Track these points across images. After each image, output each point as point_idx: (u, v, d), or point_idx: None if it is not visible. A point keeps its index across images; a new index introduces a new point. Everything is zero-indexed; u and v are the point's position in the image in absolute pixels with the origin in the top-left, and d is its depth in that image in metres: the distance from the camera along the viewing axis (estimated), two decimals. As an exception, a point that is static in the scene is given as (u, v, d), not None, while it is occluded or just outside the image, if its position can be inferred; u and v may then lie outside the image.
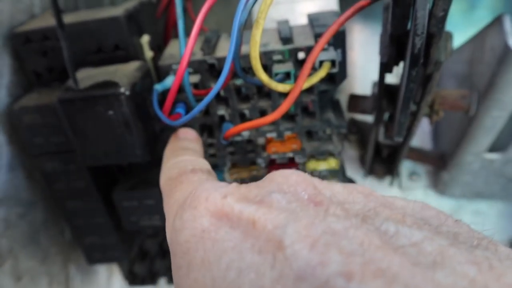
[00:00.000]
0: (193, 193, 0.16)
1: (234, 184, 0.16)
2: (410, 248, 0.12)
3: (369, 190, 0.16)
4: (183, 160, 0.21)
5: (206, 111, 0.27)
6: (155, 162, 0.29)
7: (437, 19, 0.19)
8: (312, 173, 0.30)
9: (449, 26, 0.24)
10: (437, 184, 0.46)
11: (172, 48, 0.28)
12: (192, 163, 0.20)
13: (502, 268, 0.11)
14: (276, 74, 0.24)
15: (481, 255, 0.12)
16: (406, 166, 0.47)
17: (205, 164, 0.21)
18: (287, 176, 0.15)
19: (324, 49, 0.24)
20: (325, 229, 0.12)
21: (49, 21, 0.27)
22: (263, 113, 0.27)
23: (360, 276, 0.11)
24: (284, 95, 0.24)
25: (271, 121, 0.23)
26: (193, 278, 0.14)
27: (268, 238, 0.13)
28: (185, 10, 0.39)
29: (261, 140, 0.29)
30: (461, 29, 0.44)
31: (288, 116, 0.28)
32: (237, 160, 0.29)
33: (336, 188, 0.16)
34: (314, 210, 0.13)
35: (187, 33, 0.22)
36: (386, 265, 0.11)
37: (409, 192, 0.48)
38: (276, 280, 0.12)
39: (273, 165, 0.29)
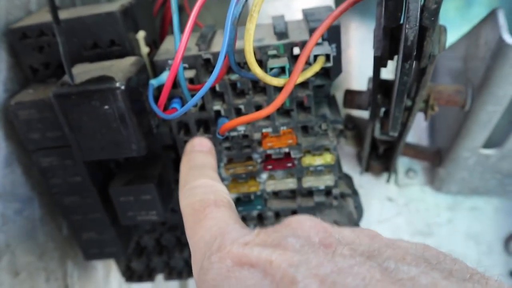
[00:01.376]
0: (219, 240, 0.18)
1: (256, 231, 0.18)
2: (407, 282, 0.13)
3: (375, 233, 0.18)
4: (203, 186, 0.22)
5: (202, 107, 0.28)
6: (151, 157, 0.29)
7: (430, 12, 0.19)
8: (308, 168, 0.30)
9: (444, 23, 0.24)
10: (434, 180, 0.46)
11: (168, 44, 0.28)
12: (213, 192, 0.22)
13: None
14: (271, 69, 0.24)
15: (470, 286, 0.13)
16: (402, 162, 0.47)
17: (225, 192, 0.22)
18: (301, 222, 0.17)
19: (318, 44, 0.25)
20: (333, 268, 0.14)
21: (45, 17, 0.27)
22: (258, 108, 0.27)
23: None
24: (279, 90, 0.24)
25: (266, 114, 0.23)
26: None
27: (283, 275, 0.15)
28: (181, 7, 0.39)
29: (257, 135, 0.29)
30: (456, 26, 0.44)
31: (284, 111, 0.28)
32: (233, 156, 0.30)
33: (344, 231, 0.17)
34: (324, 252, 0.15)
35: (183, 29, 0.23)
36: None
37: (406, 189, 0.48)
38: None
39: (269, 160, 0.30)
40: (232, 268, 0.16)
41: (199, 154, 0.25)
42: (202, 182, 0.22)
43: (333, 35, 0.25)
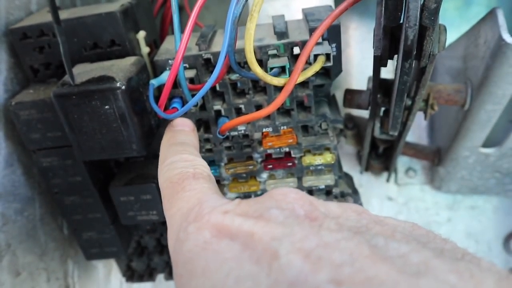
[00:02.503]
0: (197, 209, 0.17)
1: (236, 201, 0.17)
2: (397, 259, 0.13)
3: (362, 209, 0.17)
4: (183, 160, 0.21)
5: (203, 106, 0.28)
6: (152, 157, 0.29)
7: (430, 11, 0.20)
8: (308, 168, 0.30)
9: (444, 22, 0.24)
10: (433, 179, 0.46)
11: (168, 44, 0.28)
12: (192, 165, 0.21)
13: (482, 276, 0.12)
14: (271, 69, 0.25)
15: (463, 265, 0.13)
16: (402, 162, 0.47)
17: (205, 167, 0.21)
18: (285, 194, 0.16)
19: (318, 43, 0.25)
20: (318, 242, 0.13)
21: (45, 17, 0.27)
22: (259, 108, 0.27)
23: (349, 283, 0.12)
24: (280, 89, 0.24)
25: (267, 114, 0.23)
26: (193, 285, 0.15)
27: (265, 248, 0.14)
28: (181, 7, 0.39)
29: (257, 135, 0.29)
30: (456, 25, 0.44)
31: (284, 111, 0.28)
32: (233, 155, 0.30)
33: (331, 206, 0.16)
34: (309, 225, 0.14)
35: (183, 29, 0.23)
36: (374, 273, 0.12)
37: (406, 188, 0.48)
38: (271, 287, 0.13)
39: (269, 159, 0.30)
40: (210, 240, 0.15)
41: (180, 132, 0.25)
42: (181, 157, 0.22)
43: (333, 35, 0.25)
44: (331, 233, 0.14)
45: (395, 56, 0.25)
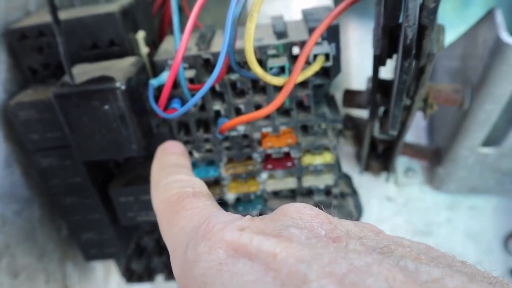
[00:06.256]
0: (206, 224, 0.15)
1: (248, 217, 0.16)
2: (433, 284, 0.12)
3: (377, 228, 0.16)
4: (179, 180, 0.21)
5: (202, 106, 0.28)
6: (152, 157, 0.29)
7: (429, 11, 0.20)
8: (308, 168, 0.30)
9: (442, 23, 0.24)
10: (433, 180, 0.46)
11: (167, 44, 0.28)
12: (190, 185, 0.20)
13: None
14: (271, 69, 0.25)
15: None
16: (401, 162, 0.47)
17: (203, 186, 0.21)
18: (299, 210, 0.15)
19: (317, 43, 0.25)
20: (349, 266, 0.12)
21: (44, 17, 0.27)
22: (258, 107, 0.27)
23: None
24: (279, 89, 0.24)
25: (266, 114, 0.23)
26: None
27: (291, 271, 0.12)
28: (180, 8, 0.39)
29: (256, 135, 0.29)
30: (454, 26, 0.44)
31: (284, 111, 0.28)
32: (233, 155, 0.30)
33: (348, 224, 0.16)
34: (334, 247, 0.13)
35: (182, 29, 0.23)
36: None
37: (405, 189, 0.48)
38: None
39: (268, 159, 0.30)
40: (225, 260, 0.14)
41: (171, 155, 0.24)
42: (177, 178, 0.21)
43: (332, 35, 0.25)
44: (360, 256, 0.13)
45: (394, 55, 0.25)
